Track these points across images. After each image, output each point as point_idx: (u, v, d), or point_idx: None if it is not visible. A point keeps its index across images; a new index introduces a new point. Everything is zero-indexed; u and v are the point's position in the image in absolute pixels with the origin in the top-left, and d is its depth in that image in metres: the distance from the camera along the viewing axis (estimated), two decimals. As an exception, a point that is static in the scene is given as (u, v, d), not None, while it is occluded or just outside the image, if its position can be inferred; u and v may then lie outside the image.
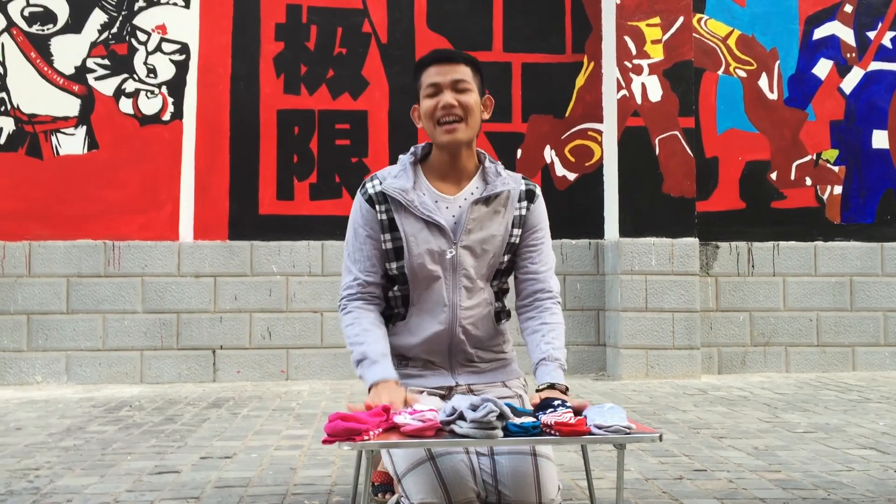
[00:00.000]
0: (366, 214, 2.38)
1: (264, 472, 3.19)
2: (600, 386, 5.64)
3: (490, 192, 2.36)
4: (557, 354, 2.32)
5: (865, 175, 6.52)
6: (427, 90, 2.35)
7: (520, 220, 2.42)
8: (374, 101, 6.25)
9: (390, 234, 2.36)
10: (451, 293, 2.36)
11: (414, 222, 2.34)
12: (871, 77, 6.56)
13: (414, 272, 2.35)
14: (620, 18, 6.10)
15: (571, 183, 6.29)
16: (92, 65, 6.10)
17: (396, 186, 2.34)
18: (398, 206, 2.34)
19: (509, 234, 2.40)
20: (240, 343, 6.00)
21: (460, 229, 2.34)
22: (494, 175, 2.40)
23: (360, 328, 2.34)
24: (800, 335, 6.32)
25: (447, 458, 2.13)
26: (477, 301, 2.39)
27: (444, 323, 2.36)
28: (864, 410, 4.59)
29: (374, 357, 2.26)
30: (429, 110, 2.34)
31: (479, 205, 2.36)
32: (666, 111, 6.07)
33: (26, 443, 3.79)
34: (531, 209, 2.44)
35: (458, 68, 2.34)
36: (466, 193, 2.39)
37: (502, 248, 2.40)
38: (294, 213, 6.14)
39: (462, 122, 2.33)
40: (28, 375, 5.86)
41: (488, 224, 2.37)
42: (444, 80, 2.32)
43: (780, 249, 6.36)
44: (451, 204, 2.37)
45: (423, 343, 2.39)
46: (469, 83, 2.34)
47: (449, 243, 2.34)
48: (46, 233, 5.97)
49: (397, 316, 2.45)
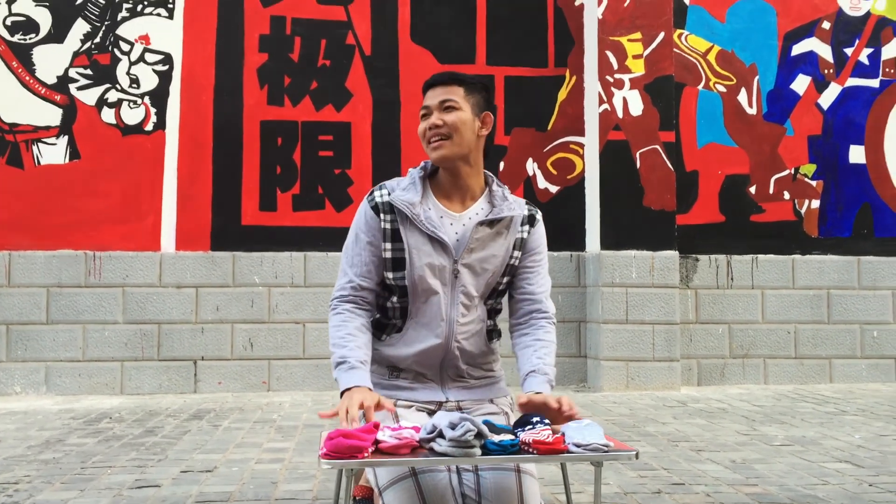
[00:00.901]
0: (369, 221, 2.42)
1: (245, 487, 3.19)
2: (581, 397, 5.68)
3: (496, 215, 2.42)
4: (547, 370, 2.36)
5: (842, 189, 6.61)
6: (421, 112, 2.46)
7: (520, 243, 2.48)
8: (357, 112, 6.28)
9: (391, 244, 2.40)
10: (449, 308, 2.40)
11: (418, 236, 2.38)
12: (849, 93, 6.66)
13: (414, 285, 2.39)
14: (602, 33, 6.16)
15: (553, 196, 6.34)
16: (74, 74, 6.08)
17: (404, 199, 2.39)
18: (404, 219, 2.39)
19: (510, 256, 2.46)
20: (221, 354, 5.99)
21: (462, 247, 2.39)
22: (501, 199, 2.46)
23: (346, 331, 2.37)
24: (778, 347, 6.39)
25: (429, 475, 2.15)
26: (472, 318, 2.44)
27: (440, 337, 2.40)
28: (840, 423, 4.65)
29: (353, 363, 2.29)
30: (421, 132, 2.45)
31: (484, 226, 2.41)
32: (647, 125, 6.13)
33: (4, 455, 3.77)
34: (531, 232, 2.50)
35: (448, 89, 2.41)
36: (472, 213, 2.44)
37: (501, 269, 2.45)
38: (277, 224, 6.15)
39: (447, 139, 2.39)
40: (7, 386, 5.82)
41: (490, 245, 2.42)
42: (434, 102, 2.41)
43: (759, 262, 6.44)
44: (455, 221, 2.43)
45: (416, 355, 2.43)
46: (456, 102, 2.40)
47: (450, 260, 2.39)
48: (27, 242, 5.94)
49: (393, 327, 2.48)
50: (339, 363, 2.31)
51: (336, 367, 2.33)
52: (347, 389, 2.24)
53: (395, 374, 2.47)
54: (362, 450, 1.92)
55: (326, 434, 2.00)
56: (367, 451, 1.92)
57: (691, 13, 6.55)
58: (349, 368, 2.28)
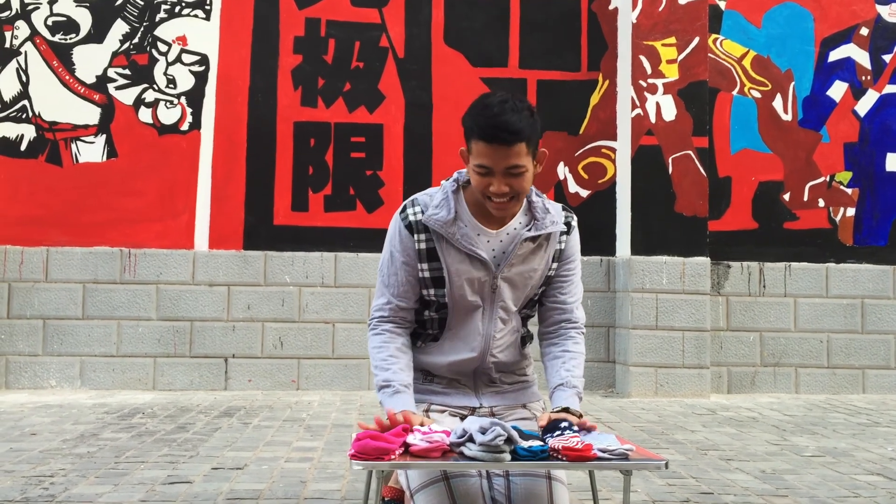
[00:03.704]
0: (404, 240, 2.36)
1: (275, 485, 3.23)
2: (609, 403, 5.66)
3: (539, 231, 2.35)
4: (576, 382, 2.35)
5: (879, 197, 6.52)
6: (477, 168, 2.23)
7: (558, 254, 2.43)
8: (389, 114, 6.31)
9: (428, 264, 2.36)
10: (486, 324, 2.39)
11: (455, 254, 2.34)
12: (886, 100, 6.57)
13: (455, 301, 2.37)
14: (636, 38, 6.14)
15: (584, 200, 6.33)
16: (113, 74, 6.18)
17: (438, 218, 2.31)
18: (440, 238, 2.34)
19: (548, 268, 2.42)
20: (252, 352, 6.05)
21: (504, 263, 2.35)
22: (543, 212, 2.37)
23: (388, 353, 2.35)
24: (810, 356, 6.32)
25: (461, 479, 2.17)
26: (508, 329, 2.43)
27: (475, 351, 2.40)
28: (872, 435, 4.59)
29: (398, 387, 2.28)
30: (478, 186, 2.26)
31: (528, 242, 2.36)
32: (680, 130, 6.09)
33: (41, 448, 3.84)
34: (567, 241, 2.44)
35: (512, 150, 2.18)
36: (510, 228, 2.37)
37: (540, 282, 2.42)
38: (308, 224, 6.20)
39: (513, 199, 2.27)
40: (42, 380, 5.93)
41: (531, 259, 2.38)
42: (497, 165, 2.19)
43: (792, 270, 6.37)
44: (492, 238, 2.36)
45: (451, 364, 2.43)
46: (523, 165, 2.20)
47: (490, 275, 2.35)
48: (64, 239, 6.04)
49: (429, 336, 2.47)
50: (384, 386, 2.30)
51: (380, 390, 2.31)
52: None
53: (430, 379, 2.48)
54: (389, 452, 1.94)
55: (356, 435, 2.02)
56: (394, 454, 1.94)
57: (727, 18, 6.50)
58: (394, 393, 2.27)
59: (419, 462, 1.97)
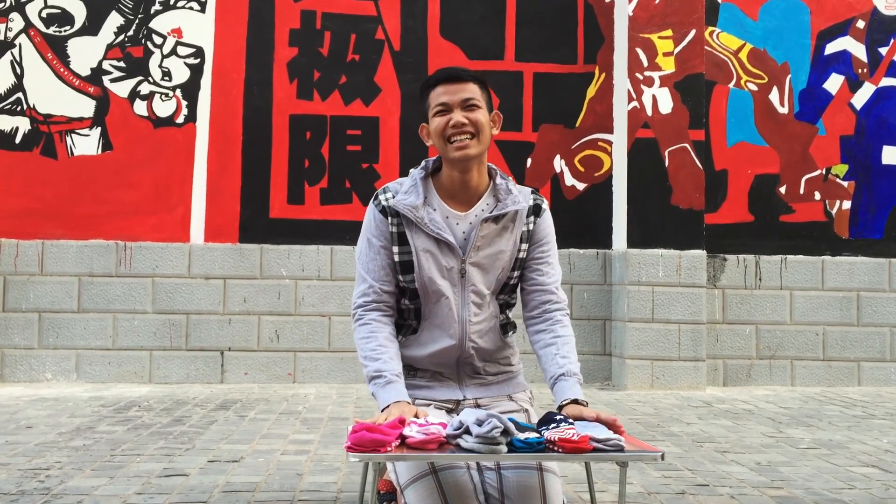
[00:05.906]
0: (379, 225, 2.41)
1: (271, 478, 3.23)
2: (605, 396, 5.67)
3: (500, 210, 2.39)
4: (575, 369, 2.34)
5: (875, 190, 6.53)
6: (436, 109, 2.38)
7: (527, 235, 2.45)
8: (385, 107, 6.30)
9: (399, 248, 2.40)
10: (460, 309, 2.40)
11: (424, 238, 2.37)
12: (883, 93, 6.57)
13: (424, 287, 2.39)
14: (633, 30, 6.13)
15: (580, 193, 6.32)
16: (108, 67, 6.16)
17: (406, 203, 2.37)
18: (408, 222, 2.38)
19: (517, 250, 2.43)
20: (248, 345, 6.05)
21: (469, 246, 2.38)
22: (506, 192, 2.42)
23: (376, 343, 2.36)
24: (806, 349, 6.33)
25: (449, 472, 2.16)
26: (485, 315, 2.43)
27: (454, 337, 2.40)
28: (867, 427, 4.61)
29: (389, 377, 2.28)
30: (439, 128, 2.37)
31: (489, 223, 2.39)
32: (676, 123, 6.09)
33: (37, 441, 3.84)
34: (537, 223, 2.46)
35: (467, 87, 2.37)
36: (477, 210, 2.41)
37: (510, 264, 2.43)
38: (304, 217, 6.19)
39: (474, 138, 2.36)
40: (38, 373, 5.92)
41: (497, 241, 2.40)
42: (454, 99, 2.35)
43: (788, 263, 6.38)
44: (461, 220, 2.40)
45: (432, 355, 2.43)
46: (478, 100, 2.37)
47: (458, 260, 2.38)
48: (59, 232, 6.03)
49: (408, 328, 2.48)
50: (375, 377, 2.30)
51: (371, 381, 2.31)
52: (388, 406, 2.22)
53: (413, 374, 2.47)
54: (385, 444, 1.93)
55: (351, 427, 2.02)
56: (390, 446, 1.94)
57: (723, 11, 6.49)
58: (386, 383, 2.28)
59: (416, 454, 1.97)
